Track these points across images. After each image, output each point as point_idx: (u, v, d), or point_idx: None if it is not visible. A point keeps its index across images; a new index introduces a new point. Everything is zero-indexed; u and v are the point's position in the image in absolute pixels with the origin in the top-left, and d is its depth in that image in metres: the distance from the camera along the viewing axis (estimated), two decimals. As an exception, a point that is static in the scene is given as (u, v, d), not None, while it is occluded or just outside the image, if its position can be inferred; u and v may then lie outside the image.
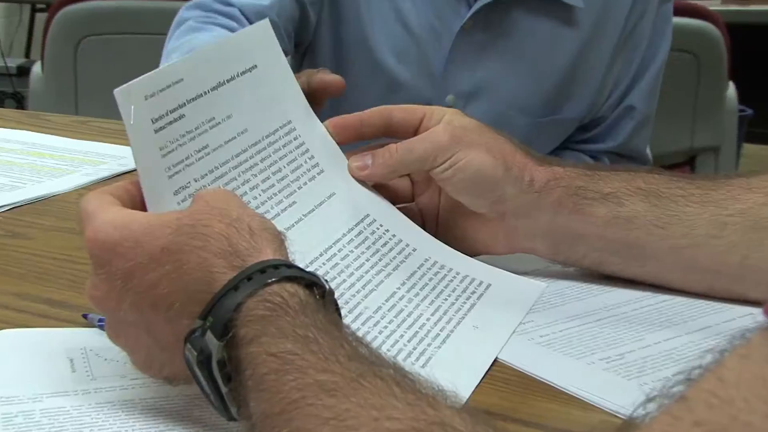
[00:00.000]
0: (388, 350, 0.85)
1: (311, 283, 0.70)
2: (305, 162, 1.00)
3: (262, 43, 0.99)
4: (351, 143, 1.04)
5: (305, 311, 0.66)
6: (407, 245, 1.01)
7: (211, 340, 0.67)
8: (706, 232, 0.95)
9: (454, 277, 0.99)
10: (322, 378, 0.60)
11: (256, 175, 0.93)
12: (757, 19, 3.59)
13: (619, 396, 0.81)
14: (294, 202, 0.96)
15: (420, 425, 0.53)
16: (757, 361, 0.41)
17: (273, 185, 0.95)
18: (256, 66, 0.96)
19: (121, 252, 0.72)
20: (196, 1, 1.59)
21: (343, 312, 0.77)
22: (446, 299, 0.95)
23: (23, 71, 4.04)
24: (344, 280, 0.93)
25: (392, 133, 1.03)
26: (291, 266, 0.70)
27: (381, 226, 1.01)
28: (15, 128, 1.59)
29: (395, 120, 1.03)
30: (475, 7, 1.60)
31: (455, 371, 0.83)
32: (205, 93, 0.88)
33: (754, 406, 0.40)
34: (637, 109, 1.75)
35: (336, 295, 0.75)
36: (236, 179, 0.90)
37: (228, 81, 0.91)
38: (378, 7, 1.64)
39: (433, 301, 0.94)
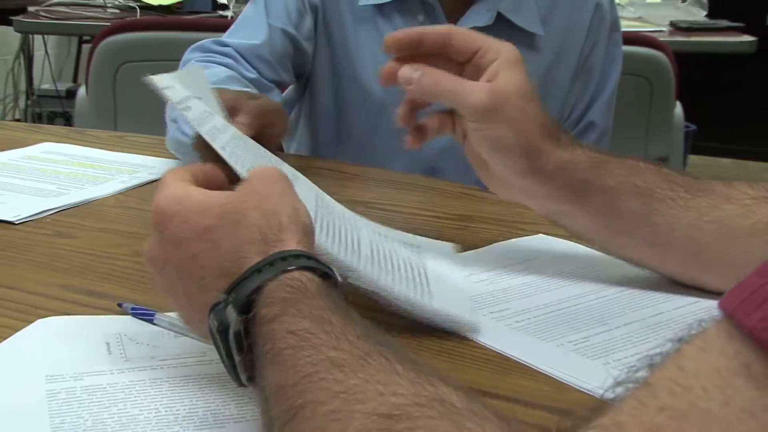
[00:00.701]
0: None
1: (325, 273, 0.70)
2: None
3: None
4: (410, 52, 1.01)
5: (320, 296, 0.66)
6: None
7: (231, 314, 0.67)
8: (685, 233, 0.95)
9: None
10: (334, 355, 0.59)
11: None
12: (700, 48, 3.61)
13: (586, 373, 0.81)
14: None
15: (421, 401, 0.53)
16: (714, 354, 0.41)
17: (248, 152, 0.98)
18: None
19: (175, 224, 0.74)
20: (197, 45, 1.62)
21: None
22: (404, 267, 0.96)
23: (71, 94, 4.03)
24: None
25: (448, 53, 1.00)
26: (310, 257, 0.70)
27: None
28: (63, 142, 1.59)
29: (454, 42, 0.99)
30: None
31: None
32: (192, 96, 0.96)
33: (712, 395, 0.39)
34: (597, 124, 1.72)
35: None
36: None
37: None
38: (364, 35, 1.63)
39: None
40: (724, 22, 3.84)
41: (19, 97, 4.83)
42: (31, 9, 3.62)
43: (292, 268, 0.68)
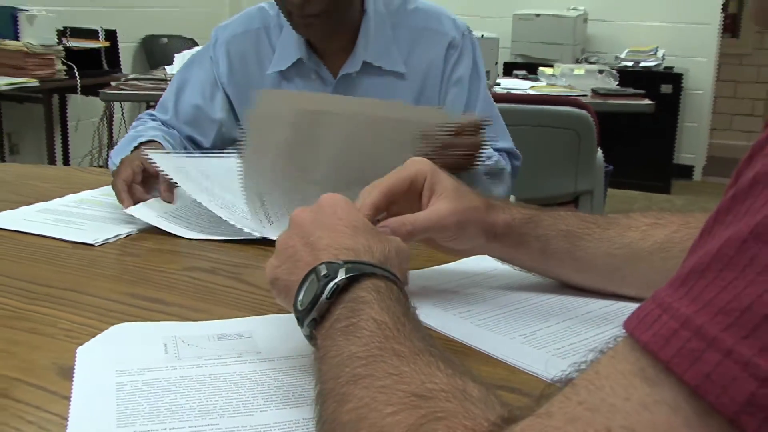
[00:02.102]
0: None
1: (402, 287, 0.71)
2: None
3: None
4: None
5: (399, 301, 0.67)
6: None
7: (341, 273, 0.67)
8: (602, 260, 0.94)
9: None
10: (397, 347, 0.60)
11: None
12: (613, 109, 3.63)
13: (533, 360, 0.80)
14: None
15: (448, 389, 0.54)
16: (620, 361, 0.42)
17: None
18: None
19: (334, 206, 0.78)
20: (138, 116, 1.72)
21: None
22: None
23: (141, 146, 4.02)
24: None
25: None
26: (397, 276, 0.71)
27: None
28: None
29: (411, 188, 0.92)
30: (333, 84, 1.61)
31: None
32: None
33: (617, 392, 0.41)
34: None
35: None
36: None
37: None
38: None
39: None
40: (631, 90, 3.85)
41: (102, 149, 4.82)
42: (112, 83, 3.63)
43: (387, 275, 0.70)
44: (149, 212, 1.28)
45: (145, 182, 1.33)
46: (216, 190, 1.31)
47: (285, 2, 1.49)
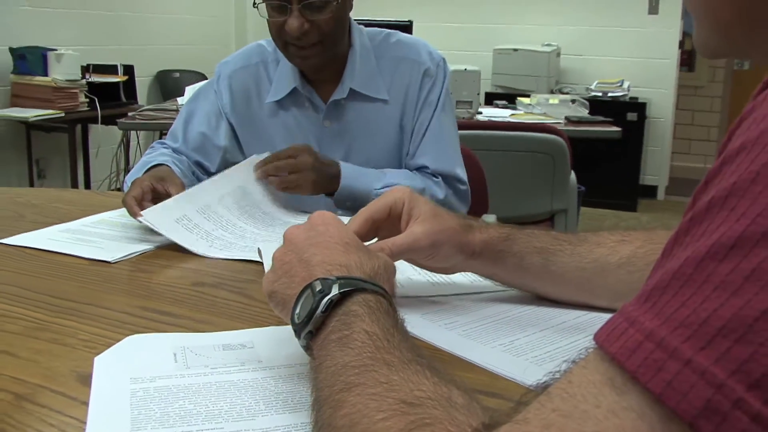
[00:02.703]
0: None
1: (391, 300, 0.70)
2: None
3: None
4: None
5: (389, 314, 0.66)
6: None
7: (335, 288, 0.67)
8: (573, 273, 0.94)
9: None
10: (387, 357, 0.59)
11: None
12: (585, 135, 3.63)
13: (512, 367, 0.79)
14: None
15: (435, 396, 0.53)
16: (591, 371, 0.42)
17: None
18: None
19: (327, 224, 0.78)
20: (151, 145, 1.71)
21: None
22: None
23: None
24: None
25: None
26: (386, 291, 0.71)
27: None
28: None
29: (392, 214, 0.92)
30: (324, 109, 1.62)
31: None
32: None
33: (588, 400, 0.41)
34: (428, 167, 1.65)
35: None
36: None
37: None
38: (272, 124, 1.66)
39: None
40: (600, 118, 3.86)
41: (119, 173, 4.82)
42: (129, 114, 3.63)
43: (377, 290, 0.69)
44: (161, 219, 1.27)
45: (155, 202, 1.33)
46: (217, 227, 1.34)
47: (283, 36, 1.50)
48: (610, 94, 5.58)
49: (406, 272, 1.06)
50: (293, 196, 1.52)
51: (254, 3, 1.52)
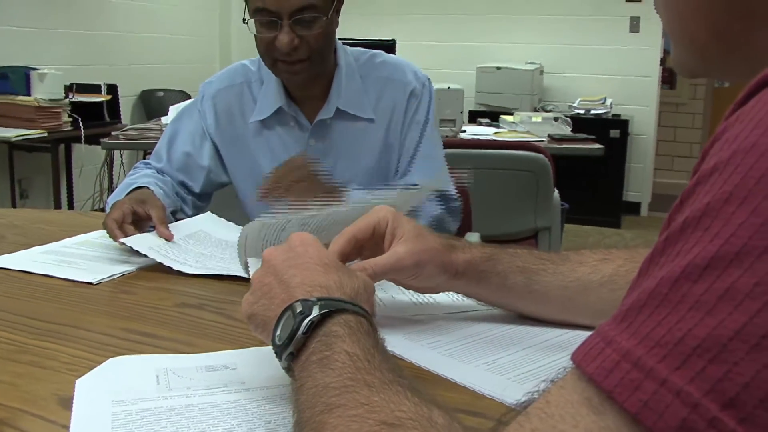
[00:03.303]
0: None
1: (371, 321, 0.70)
2: None
3: None
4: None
5: (370, 335, 0.66)
6: None
7: (315, 310, 0.67)
8: (556, 293, 0.94)
9: None
10: (368, 378, 0.59)
11: None
12: (568, 152, 3.65)
13: (495, 386, 0.80)
14: None
15: (416, 417, 0.53)
16: (568, 391, 0.42)
17: None
18: None
19: (306, 246, 0.79)
20: (135, 165, 1.71)
21: None
22: None
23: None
24: None
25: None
26: (367, 312, 0.71)
27: None
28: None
29: (375, 234, 0.92)
30: (310, 128, 1.62)
31: None
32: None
33: (566, 420, 0.41)
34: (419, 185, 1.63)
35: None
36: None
37: None
38: (256, 143, 1.65)
39: None
40: (583, 135, 3.88)
41: (103, 193, 4.80)
42: (113, 133, 3.63)
43: (358, 310, 0.69)
44: (142, 242, 1.28)
45: (135, 224, 1.33)
46: (196, 251, 1.34)
47: (272, 52, 1.50)
48: (592, 112, 5.62)
49: (389, 291, 1.06)
50: None
51: (244, 19, 1.53)
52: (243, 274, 1.18)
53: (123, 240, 1.27)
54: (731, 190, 0.39)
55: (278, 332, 0.68)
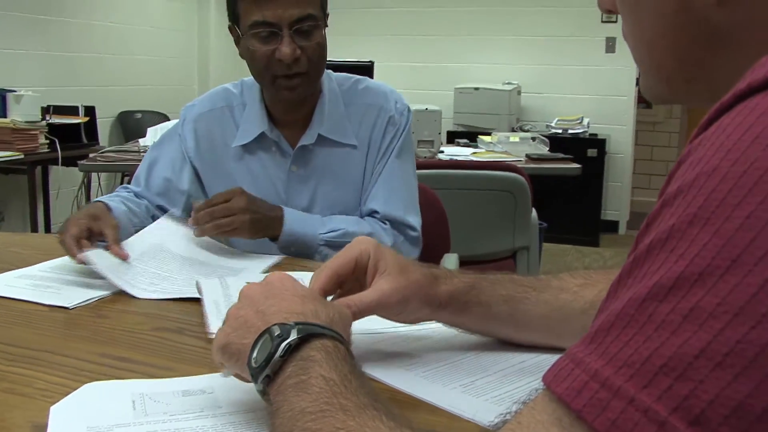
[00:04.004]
0: None
1: (348, 346, 0.71)
2: None
3: None
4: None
5: (346, 360, 0.67)
6: None
7: (293, 334, 0.67)
8: (539, 321, 0.94)
9: None
10: (344, 402, 0.60)
11: None
12: (545, 172, 3.68)
13: (472, 408, 0.80)
14: None
15: None
16: (539, 411, 0.43)
17: None
18: None
19: (281, 280, 0.79)
20: (119, 187, 1.73)
21: None
22: None
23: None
24: None
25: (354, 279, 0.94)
26: (343, 337, 0.71)
27: None
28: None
29: (356, 269, 0.91)
30: (292, 154, 1.62)
31: None
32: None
33: None
34: (378, 211, 1.64)
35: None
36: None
37: None
38: (238, 169, 1.65)
39: None
40: (560, 155, 3.91)
41: (81, 215, 4.76)
42: (90, 155, 3.61)
43: (335, 335, 0.70)
44: (101, 260, 1.28)
45: (90, 240, 1.34)
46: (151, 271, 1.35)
47: (272, 67, 1.50)
48: (570, 131, 5.67)
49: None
50: (239, 241, 1.53)
51: (239, 37, 1.53)
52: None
53: (81, 256, 1.27)
54: (695, 212, 0.40)
55: (255, 355, 0.68)
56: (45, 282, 1.29)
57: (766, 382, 0.35)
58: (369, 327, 1.04)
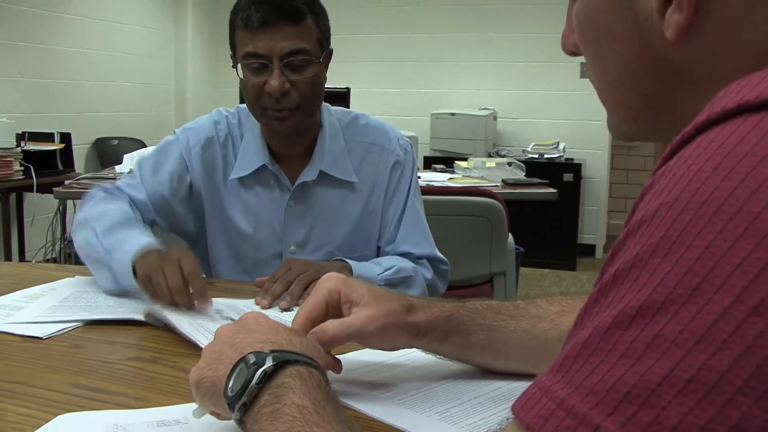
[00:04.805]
0: None
1: (324, 372, 0.72)
2: None
3: None
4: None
5: (320, 386, 0.67)
6: None
7: (268, 361, 0.68)
8: (516, 351, 0.95)
9: None
10: (316, 430, 0.60)
11: None
12: (522, 197, 3.69)
13: None
14: None
15: None
16: None
17: None
18: None
19: (255, 317, 0.80)
20: (101, 187, 1.62)
21: None
22: None
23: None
24: None
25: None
26: (317, 362, 0.72)
27: None
28: (82, 275, 1.53)
29: (333, 304, 0.91)
30: (291, 190, 1.60)
31: None
32: None
33: None
34: (411, 252, 1.65)
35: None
36: None
37: None
38: (235, 200, 1.62)
39: None
40: (536, 180, 3.94)
41: (55, 242, 4.72)
42: (66, 182, 3.59)
43: (310, 361, 0.70)
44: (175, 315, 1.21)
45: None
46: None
47: (262, 99, 1.49)
48: (546, 156, 5.73)
49: None
50: None
51: (233, 64, 1.52)
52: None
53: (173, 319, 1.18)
54: (657, 242, 0.41)
55: (231, 384, 0.69)
56: (18, 312, 1.28)
57: (727, 408, 0.36)
58: (345, 354, 1.04)
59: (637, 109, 0.57)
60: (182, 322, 1.16)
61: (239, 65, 1.50)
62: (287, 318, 1.05)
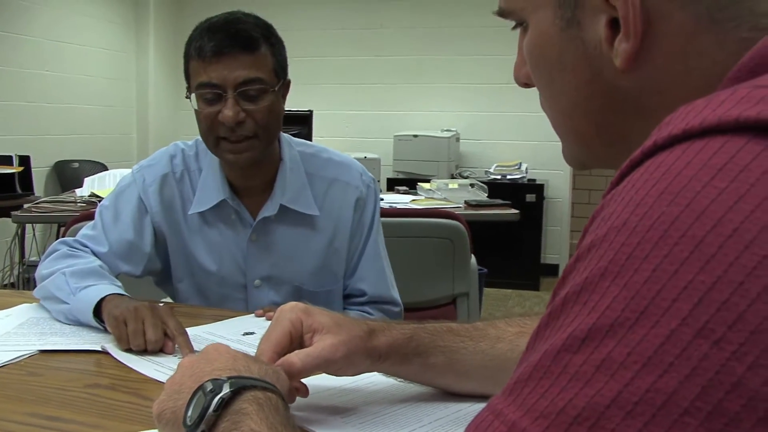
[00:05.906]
0: None
1: (282, 395, 0.72)
2: None
3: None
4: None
5: (278, 410, 0.68)
6: None
7: (225, 388, 0.68)
8: (476, 371, 0.95)
9: None
10: None
11: None
12: (484, 218, 3.71)
13: None
14: None
15: None
16: None
17: None
18: None
19: (215, 347, 0.80)
20: (62, 240, 1.58)
21: None
22: None
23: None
24: None
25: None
26: (275, 386, 0.72)
27: None
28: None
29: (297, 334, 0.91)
30: (252, 224, 1.58)
31: None
32: None
33: None
34: (366, 292, 1.66)
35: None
36: None
37: None
38: (195, 236, 1.60)
39: None
40: (499, 201, 3.97)
41: (14, 267, 4.65)
42: (25, 206, 3.53)
43: (267, 386, 0.71)
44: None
45: None
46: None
47: (215, 129, 1.47)
48: (508, 177, 5.78)
49: None
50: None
51: (187, 95, 1.50)
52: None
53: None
54: (606, 266, 0.42)
55: (189, 413, 0.68)
56: (-27, 339, 1.25)
57: (673, 429, 0.37)
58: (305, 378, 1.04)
59: (589, 137, 0.58)
60: (141, 363, 1.15)
61: (193, 95, 1.47)
62: (254, 343, 1.03)
